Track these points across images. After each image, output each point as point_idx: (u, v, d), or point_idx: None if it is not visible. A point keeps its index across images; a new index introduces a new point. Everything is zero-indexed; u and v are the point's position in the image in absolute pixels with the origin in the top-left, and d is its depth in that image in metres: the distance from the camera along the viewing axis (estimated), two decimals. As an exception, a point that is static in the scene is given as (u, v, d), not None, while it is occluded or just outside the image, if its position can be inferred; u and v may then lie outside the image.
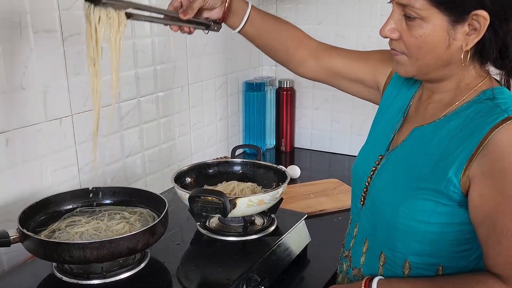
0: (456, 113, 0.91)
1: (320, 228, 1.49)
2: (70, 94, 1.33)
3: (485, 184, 0.82)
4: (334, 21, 2.07)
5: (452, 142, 0.88)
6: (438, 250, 0.91)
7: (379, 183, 0.99)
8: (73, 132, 1.36)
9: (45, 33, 1.24)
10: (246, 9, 1.12)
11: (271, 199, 1.17)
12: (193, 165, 1.35)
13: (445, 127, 0.91)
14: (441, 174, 0.86)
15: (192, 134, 1.85)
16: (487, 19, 0.83)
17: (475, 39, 0.85)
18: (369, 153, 1.06)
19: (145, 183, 1.65)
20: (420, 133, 0.95)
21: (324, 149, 2.24)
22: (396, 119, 1.04)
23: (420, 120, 0.97)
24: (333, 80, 1.18)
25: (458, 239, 0.89)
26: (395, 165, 0.97)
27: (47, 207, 1.16)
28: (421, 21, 0.85)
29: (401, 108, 1.04)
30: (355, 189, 1.07)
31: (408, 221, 0.91)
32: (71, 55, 1.31)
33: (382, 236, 0.97)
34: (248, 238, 1.20)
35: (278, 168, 1.33)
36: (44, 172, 1.29)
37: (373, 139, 1.09)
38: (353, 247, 1.07)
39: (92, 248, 0.95)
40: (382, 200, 0.96)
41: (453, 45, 0.86)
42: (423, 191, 0.89)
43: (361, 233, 1.04)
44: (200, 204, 1.12)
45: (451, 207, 0.87)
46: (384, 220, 0.96)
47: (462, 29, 0.85)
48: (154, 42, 1.60)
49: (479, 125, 0.85)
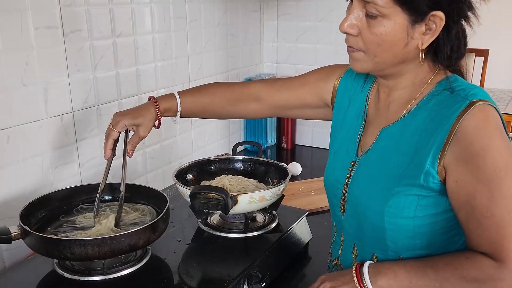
0: (419, 107, 0.93)
1: (321, 225, 1.48)
2: (71, 90, 1.33)
3: (459, 170, 0.85)
4: (335, 18, 2.07)
5: (422, 136, 0.90)
6: (428, 241, 0.92)
7: (357, 188, 0.99)
8: (74, 129, 1.36)
9: (46, 29, 1.24)
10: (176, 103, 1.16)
11: (272, 195, 1.17)
12: (194, 162, 1.35)
13: (412, 123, 0.93)
14: (418, 168, 0.89)
15: (193, 132, 1.85)
16: (443, 20, 0.86)
17: (430, 39, 0.88)
18: (338, 161, 1.06)
19: (146, 180, 1.65)
20: (388, 133, 0.96)
21: (325, 146, 2.23)
22: (357, 124, 1.04)
23: (384, 120, 0.98)
24: (282, 112, 1.23)
25: (445, 226, 0.92)
26: (370, 168, 0.98)
27: (48, 204, 1.16)
28: (382, 18, 0.87)
29: (359, 112, 1.05)
30: (332, 199, 1.08)
31: (394, 220, 0.92)
32: (72, 51, 1.31)
33: (370, 239, 0.98)
34: (249, 235, 1.20)
35: (279, 164, 1.32)
36: (45, 169, 1.29)
37: (338, 148, 1.09)
38: (342, 255, 1.07)
39: (93, 245, 0.95)
40: (364, 205, 0.97)
41: (410, 43, 0.89)
42: (403, 187, 0.90)
43: (347, 240, 1.05)
44: (201, 201, 1.12)
45: (433, 198, 0.89)
46: (370, 224, 0.96)
47: (420, 29, 0.87)
48: (155, 38, 1.60)
49: (445, 115, 0.87)
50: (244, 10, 2.06)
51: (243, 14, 2.06)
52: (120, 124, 1.10)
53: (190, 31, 1.75)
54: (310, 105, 1.16)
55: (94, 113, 1.42)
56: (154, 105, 1.14)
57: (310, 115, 1.20)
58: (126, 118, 1.11)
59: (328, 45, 2.11)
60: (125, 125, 1.10)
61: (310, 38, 2.15)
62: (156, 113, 1.13)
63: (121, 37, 1.47)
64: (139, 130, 1.12)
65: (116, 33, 1.45)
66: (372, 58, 0.92)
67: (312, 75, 1.16)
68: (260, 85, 1.20)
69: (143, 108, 1.14)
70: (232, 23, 1.99)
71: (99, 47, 1.40)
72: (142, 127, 1.12)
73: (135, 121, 1.11)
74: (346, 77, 1.10)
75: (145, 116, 1.12)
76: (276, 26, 2.21)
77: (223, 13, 1.92)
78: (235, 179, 1.29)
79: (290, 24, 2.18)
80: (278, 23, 2.20)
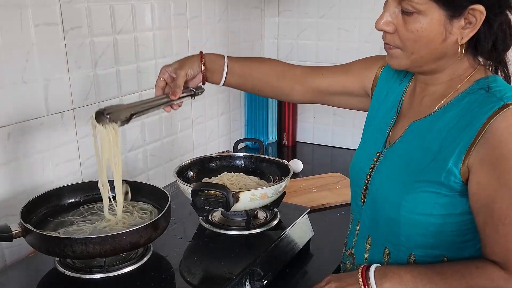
0: (451, 104, 0.91)
1: (323, 222, 1.48)
2: (71, 87, 1.32)
3: (483, 172, 0.83)
4: (337, 14, 2.05)
5: (450, 133, 0.88)
6: (441, 241, 0.91)
7: (379, 179, 0.99)
8: (74, 126, 1.35)
9: (46, 26, 1.23)
10: (223, 64, 1.16)
11: (274, 193, 1.16)
12: (195, 159, 1.34)
13: (441, 119, 0.91)
14: (441, 166, 0.87)
15: (194, 129, 1.84)
16: (483, 13, 0.84)
17: (470, 33, 0.86)
18: (366, 151, 1.06)
19: (147, 177, 1.64)
20: (417, 127, 0.95)
21: (326, 143, 2.23)
22: (389, 115, 1.04)
23: (416, 114, 0.97)
24: (323, 99, 1.21)
25: (460, 229, 0.90)
26: (394, 161, 0.97)
27: (49, 201, 1.15)
28: (418, 15, 0.85)
29: (394, 104, 1.04)
30: (355, 187, 1.07)
31: (410, 215, 0.91)
32: (72, 48, 1.31)
33: (384, 232, 0.97)
34: (251, 232, 1.20)
35: (280, 162, 1.32)
36: (45, 166, 1.29)
37: (368, 137, 1.09)
38: (355, 245, 1.06)
39: (94, 243, 0.95)
40: (383, 196, 0.96)
41: (449, 39, 0.87)
42: (423, 183, 0.89)
43: (363, 230, 1.04)
44: (203, 198, 1.11)
45: (452, 197, 0.87)
46: (385, 216, 0.96)
47: (458, 23, 0.85)
48: (156, 35, 1.59)
49: (476, 114, 0.85)
50: (245, 6, 2.06)
51: (244, 10, 2.05)
52: (162, 70, 1.12)
53: (191, 27, 1.74)
54: (352, 93, 1.15)
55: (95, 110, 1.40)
56: (199, 60, 1.14)
57: (350, 104, 1.19)
58: (170, 66, 1.13)
59: (329, 42, 2.10)
60: (168, 71, 1.12)
61: (311, 35, 2.13)
62: (200, 65, 1.14)
63: (122, 34, 1.46)
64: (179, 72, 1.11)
65: (116, 30, 1.44)
66: (409, 55, 0.90)
67: (356, 63, 1.16)
68: (305, 68, 1.21)
69: (188, 59, 1.15)
70: (233, 20, 1.98)
71: (99, 44, 1.39)
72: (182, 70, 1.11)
73: (177, 65, 1.12)
74: (388, 68, 1.09)
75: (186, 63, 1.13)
76: (277, 22, 2.20)
77: (224, 9, 1.91)
78: (237, 176, 1.28)
79: (291, 20, 2.16)
80: (279, 19, 2.19)
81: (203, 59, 1.14)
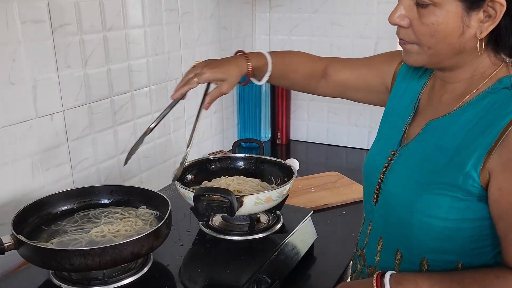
0: (471, 104, 0.87)
1: (324, 224, 1.44)
2: (61, 88, 1.26)
3: (505, 176, 0.78)
4: (330, 9, 2.01)
5: (469, 134, 0.83)
6: (456, 246, 0.87)
7: (392, 179, 0.94)
8: (65, 129, 1.29)
9: (33, 23, 1.16)
10: (267, 63, 1.13)
11: (278, 196, 1.12)
12: (194, 162, 1.28)
13: (460, 119, 0.87)
14: (459, 168, 0.82)
15: (187, 128, 1.78)
16: (504, 6, 0.79)
17: (490, 27, 0.81)
18: (380, 149, 1.01)
19: (140, 180, 1.58)
20: (434, 126, 0.91)
21: (321, 141, 2.19)
22: (406, 112, 0.99)
23: (434, 113, 0.93)
24: (345, 93, 1.19)
25: (476, 235, 0.85)
26: (409, 160, 0.93)
27: (41, 209, 1.09)
28: (434, 7, 0.81)
29: (411, 101, 1.00)
30: (368, 186, 1.03)
31: (423, 218, 0.87)
32: (61, 46, 1.24)
33: (397, 234, 0.93)
34: (254, 237, 1.15)
35: (283, 163, 1.27)
36: (35, 171, 1.22)
37: (383, 134, 1.05)
38: (367, 246, 1.02)
39: (93, 255, 0.89)
40: (396, 197, 0.92)
41: (467, 33, 0.82)
42: (439, 185, 0.84)
43: (375, 231, 1.00)
44: (205, 203, 1.06)
45: (469, 202, 0.83)
46: (398, 217, 0.92)
47: (477, 16, 0.81)
48: (147, 32, 1.53)
49: (497, 115, 0.81)
50: (237, 1, 2.00)
51: (235, 5, 2.00)
52: (205, 77, 1.06)
53: (183, 24, 1.68)
54: (373, 88, 1.12)
55: (86, 111, 1.34)
56: (245, 60, 1.11)
57: (372, 99, 1.16)
58: (213, 72, 1.07)
59: (323, 37, 2.06)
60: (210, 79, 1.07)
61: (304, 30, 2.09)
62: (247, 69, 1.10)
63: (112, 31, 1.39)
64: (222, 85, 1.08)
65: (106, 26, 1.37)
66: (426, 50, 0.86)
67: (377, 57, 1.14)
68: (331, 60, 1.19)
69: (232, 62, 1.10)
70: (224, 15, 1.92)
71: (89, 42, 1.32)
72: (226, 83, 1.08)
73: (222, 75, 1.07)
74: (406, 65, 1.04)
75: (232, 72, 1.08)
76: (268, 18, 2.15)
77: (216, 5, 1.85)
78: (238, 179, 1.23)
79: (284, 16, 2.12)
80: (270, 15, 2.14)
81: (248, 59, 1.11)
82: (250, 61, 1.11)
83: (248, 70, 1.11)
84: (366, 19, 1.95)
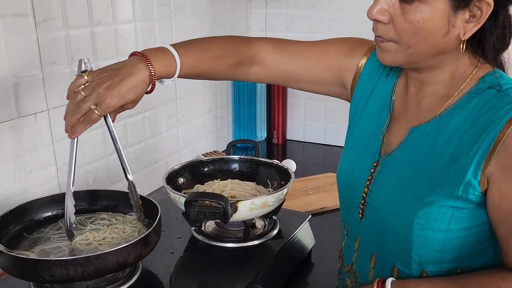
0: (458, 106, 0.82)
1: (322, 228, 1.38)
2: (45, 86, 1.19)
3: (505, 180, 0.75)
4: (327, 5, 1.96)
5: (463, 140, 0.79)
6: (458, 255, 0.82)
7: (381, 193, 0.88)
8: (50, 129, 1.22)
9: (15, 17, 1.10)
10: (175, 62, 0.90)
11: (275, 201, 1.06)
12: (186, 164, 1.22)
13: (450, 124, 0.82)
14: (458, 177, 0.78)
15: (180, 128, 1.72)
16: (491, 6, 0.75)
17: (474, 28, 0.77)
18: (357, 158, 0.94)
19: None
20: (419, 133, 0.85)
21: (318, 141, 2.14)
22: (380, 118, 0.92)
23: (415, 118, 0.87)
24: (288, 84, 1.06)
25: (478, 239, 0.82)
26: (396, 172, 0.86)
27: (22, 216, 1.02)
28: (420, 3, 0.76)
29: (383, 104, 0.93)
30: (349, 199, 0.95)
31: (424, 232, 0.81)
32: (45, 42, 1.17)
33: (393, 249, 0.87)
34: (249, 244, 1.09)
35: (279, 165, 1.21)
36: (17, 174, 1.16)
37: (356, 141, 0.97)
38: (357, 262, 0.96)
39: (76, 265, 0.82)
40: (389, 212, 0.86)
41: (451, 32, 0.77)
42: (437, 197, 0.79)
43: (364, 247, 0.94)
44: (197, 209, 1.00)
45: (470, 210, 0.79)
46: (394, 233, 0.86)
47: (463, 16, 0.76)
48: (137, 28, 1.46)
49: (491, 118, 0.77)
50: (231, -4, 1.94)
51: (230, 1, 1.93)
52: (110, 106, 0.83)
53: (175, 19, 1.62)
54: (325, 82, 1.01)
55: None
56: (147, 68, 0.86)
57: (320, 91, 1.05)
58: (118, 96, 0.83)
59: (320, 34, 1.99)
60: (117, 106, 0.84)
61: (301, 27, 2.03)
62: (150, 78, 0.87)
63: (100, 26, 1.33)
64: (128, 106, 0.88)
65: (94, 21, 1.31)
66: (405, 49, 0.80)
67: (333, 46, 0.99)
68: (268, 47, 1.00)
69: (135, 74, 0.85)
70: (218, 11, 1.86)
71: (75, 37, 1.26)
72: (132, 104, 0.88)
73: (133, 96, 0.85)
74: (372, 59, 0.95)
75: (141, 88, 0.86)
76: (264, 14, 2.09)
77: (210, 0, 1.79)
78: (233, 182, 1.17)
79: (280, 12, 2.06)
80: (266, 11, 2.08)
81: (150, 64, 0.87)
82: (153, 66, 0.87)
83: (152, 78, 0.87)
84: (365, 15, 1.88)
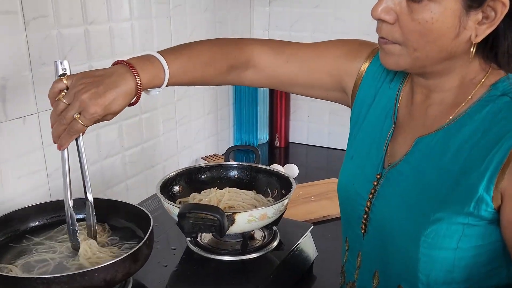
0: (469, 115, 0.76)
1: (325, 238, 1.32)
2: (35, 87, 1.13)
3: None
4: (333, 3, 1.89)
5: (474, 152, 0.73)
6: (468, 274, 0.77)
7: (385, 208, 0.82)
8: (40, 132, 1.16)
9: (3, 15, 1.04)
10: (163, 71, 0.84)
11: (275, 212, 1.00)
12: (182, 171, 1.16)
13: (459, 134, 0.76)
14: (469, 193, 0.72)
15: (178, 130, 1.66)
16: (506, 6, 0.69)
17: (487, 30, 0.71)
18: (359, 170, 0.88)
19: (126, 188, 1.46)
20: (426, 143, 0.79)
21: (321, 144, 2.07)
22: (384, 126, 0.87)
23: (421, 127, 0.81)
24: (284, 88, 1.01)
25: (489, 258, 0.76)
26: (402, 185, 0.81)
27: (8, 225, 0.97)
28: (430, 2, 0.70)
29: (387, 111, 0.87)
30: (351, 213, 0.90)
31: (431, 251, 0.76)
32: (35, 41, 1.12)
33: (397, 268, 0.82)
34: (248, 257, 1.03)
35: (280, 173, 1.15)
36: (5, 180, 1.10)
37: (357, 151, 0.91)
38: (358, 280, 0.91)
39: (59, 283, 0.77)
40: (393, 229, 0.81)
41: (462, 35, 0.72)
42: (446, 214, 0.74)
43: (367, 264, 0.88)
44: (192, 221, 0.94)
45: (481, 227, 0.73)
46: (399, 252, 0.80)
47: (475, 17, 0.70)
48: (134, 26, 1.40)
49: (505, 128, 0.71)
50: (233, -6, 1.88)
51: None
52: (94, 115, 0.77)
53: (174, 17, 1.56)
54: (323, 86, 0.95)
55: (64, 113, 1.22)
56: (134, 79, 0.80)
57: (318, 96, 0.99)
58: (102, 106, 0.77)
59: (325, 34, 1.93)
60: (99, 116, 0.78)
61: (305, 26, 1.96)
62: (136, 89, 0.81)
63: (94, 24, 1.27)
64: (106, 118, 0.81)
65: (88, 19, 1.25)
66: (411, 53, 0.74)
67: (332, 47, 0.94)
68: (262, 50, 0.95)
69: (120, 84, 0.79)
70: (220, 9, 1.80)
71: (68, 36, 1.20)
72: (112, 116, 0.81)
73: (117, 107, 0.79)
74: (375, 63, 0.89)
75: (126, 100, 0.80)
76: (267, 12, 2.03)
77: (211, -2, 1.73)
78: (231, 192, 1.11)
79: (283, 10, 1.99)
80: (270, 9, 2.02)
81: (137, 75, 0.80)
82: (140, 77, 0.81)
83: (138, 90, 0.81)
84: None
